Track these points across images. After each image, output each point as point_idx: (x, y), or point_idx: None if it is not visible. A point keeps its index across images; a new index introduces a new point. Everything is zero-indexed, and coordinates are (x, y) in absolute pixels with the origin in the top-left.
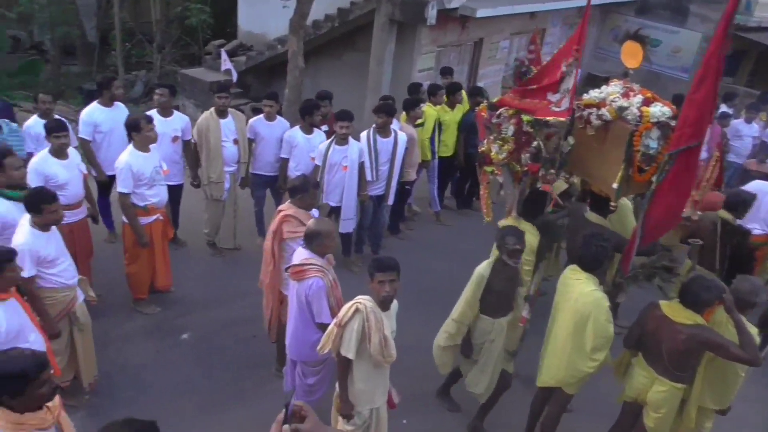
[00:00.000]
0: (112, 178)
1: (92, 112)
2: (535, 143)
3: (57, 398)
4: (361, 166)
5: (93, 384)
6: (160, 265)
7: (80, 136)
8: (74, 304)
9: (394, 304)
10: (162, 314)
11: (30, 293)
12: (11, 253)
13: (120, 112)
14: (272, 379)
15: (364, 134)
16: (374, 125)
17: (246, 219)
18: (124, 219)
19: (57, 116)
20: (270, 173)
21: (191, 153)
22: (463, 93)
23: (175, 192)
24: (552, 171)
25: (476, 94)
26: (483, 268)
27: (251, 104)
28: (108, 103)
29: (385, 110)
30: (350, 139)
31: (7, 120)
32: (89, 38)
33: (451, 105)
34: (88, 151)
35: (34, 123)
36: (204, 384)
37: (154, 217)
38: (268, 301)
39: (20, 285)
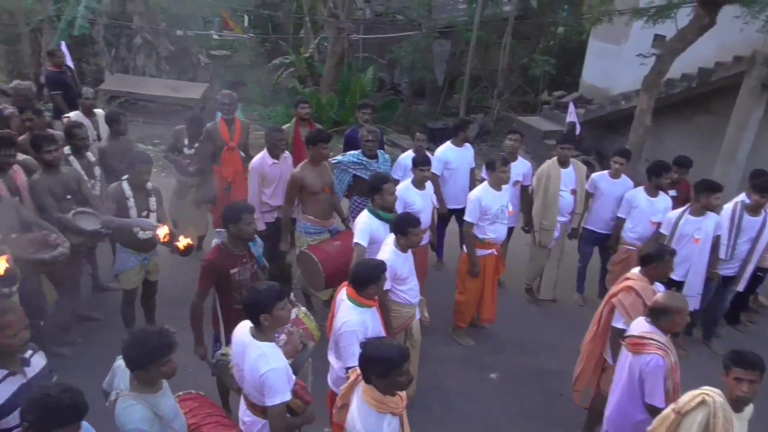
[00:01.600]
0: (451, 212)
1: (446, 150)
2: None
3: (403, 393)
4: (716, 240)
5: (410, 397)
6: (487, 298)
7: (431, 171)
8: (412, 320)
9: (750, 407)
10: (475, 348)
11: (383, 304)
12: (384, 265)
13: (468, 152)
14: None
15: (728, 206)
16: (741, 200)
17: (568, 271)
18: (464, 248)
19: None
20: (603, 230)
21: (527, 198)
22: None
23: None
24: None
25: None
26: None
27: (582, 157)
28: (460, 143)
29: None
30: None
31: (381, 150)
32: (438, 82)
33: None
34: (435, 185)
35: (407, 156)
36: (506, 428)
37: (490, 251)
38: (583, 362)
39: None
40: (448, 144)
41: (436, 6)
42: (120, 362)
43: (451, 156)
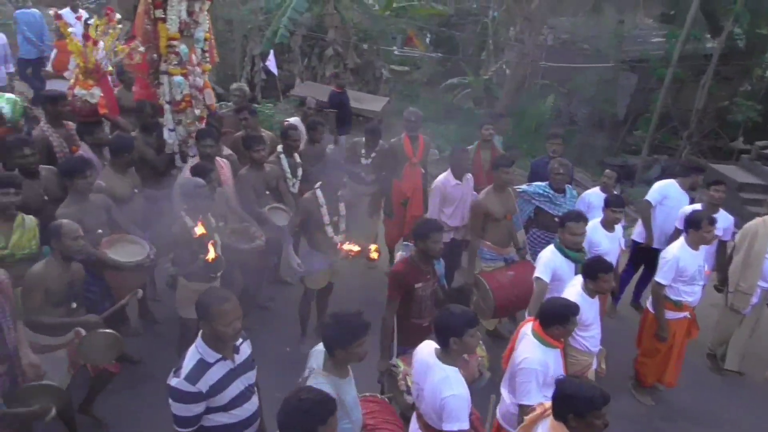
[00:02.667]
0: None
1: (669, 186)
2: None
3: None
4: None
5: None
6: (673, 362)
7: (646, 198)
8: (588, 369)
9: None
10: (651, 409)
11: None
12: (577, 308)
13: (686, 197)
14: None
15: None
16: None
17: (761, 342)
18: (648, 306)
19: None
20: None
21: (725, 254)
22: None
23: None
24: None
25: None
26: None
27: None
28: (686, 186)
29: None
30: None
31: (570, 185)
32: (619, 116)
33: None
34: (646, 218)
35: (593, 193)
36: None
37: (683, 314)
38: None
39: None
40: (673, 181)
41: (628, 37)
42: (319, 346)
43: (673, 194)
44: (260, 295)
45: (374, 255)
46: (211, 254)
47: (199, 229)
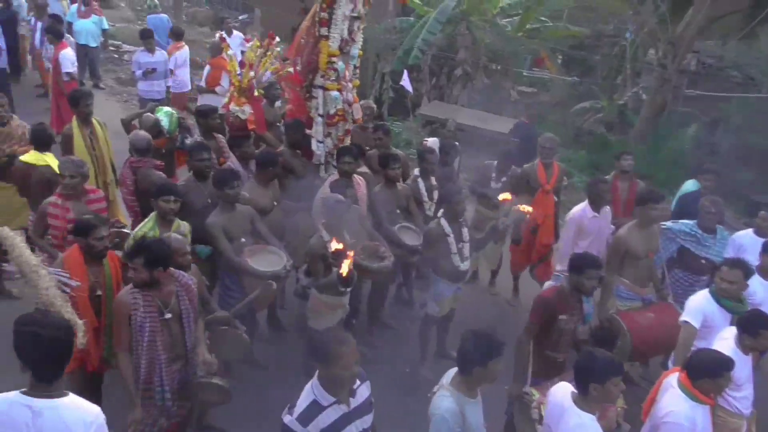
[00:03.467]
0: None
1: None
2: None
3: None
4: None
5: None
6: None
7: None
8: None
9: None
10: None
11: None
12: (732, 364)
13: None
14: None
15: None
16: None
17: None
18: None
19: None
20: None
21: None
22: None
23: None
24: None
25: None
26: None
27: None
28: None
29: None
30: None
31: (721, 225)
32: None
33: None
34: None
35: (745, 235)
36: None
37: None
38: None
39: None
40: None
41: None
42: (453, 369)
43: None
44: (383, 313)
45: None
46: (345, 269)
47: (336, 244)
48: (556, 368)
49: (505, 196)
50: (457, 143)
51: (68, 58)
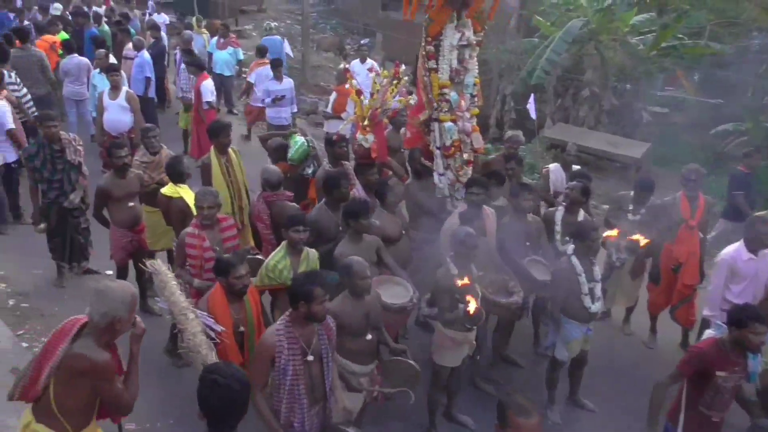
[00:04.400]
0: None
1: None
2: None
3: None
4: None
5: None
6: None
7: None
8: None
9: None
10: None
11: None
12: None
13: None
14: None
15: None
16: None
17: None
18: None
19: None
20: None
21: None
22: None
23: None
24: None
25: None
26: None
27: None
28: None
29: None
30: None
31: None
32: None
33: None
34: None
35: None
36: None
37: None
38: None
39: None
40: None
41: None
42: None
43: None
44: (509, 349)
45: None
46: (472, 307)
47: (464, 280)
48: (711, 428)
49: (637, 237)
50: (579, 168)
51: (208, 88)
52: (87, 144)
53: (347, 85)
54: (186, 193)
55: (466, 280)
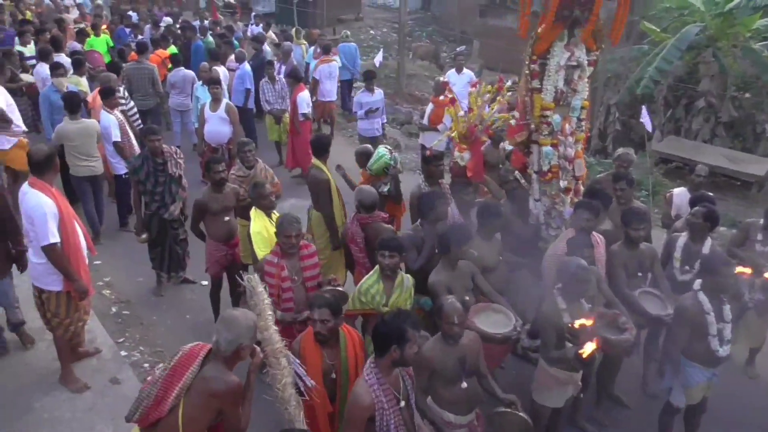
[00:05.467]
0: None
1: None
2: None
3: None
4: None
5: None
6: None
7: None
8: None
9: None
10: None
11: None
12: None
13: None
14: None
15: None
16: None
17: None
18: None
19: None
20: None
21: None
22: None
23: None
24: None
25: None
26: None
27: None
28: None
29: None
30: None
31: None
32: None
33: None
34: None
35: None
36: None
37: None
38: None
39: None
40: None
41: None
42: None
43: None
44: (615, 387)
45: None
46: (588, 352)
47: (580, 321)
48: None
49: None
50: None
51: (304, 99)
52: (189, 153)
53: (442, 97)
54: (256, 219)
55: (584, 321)
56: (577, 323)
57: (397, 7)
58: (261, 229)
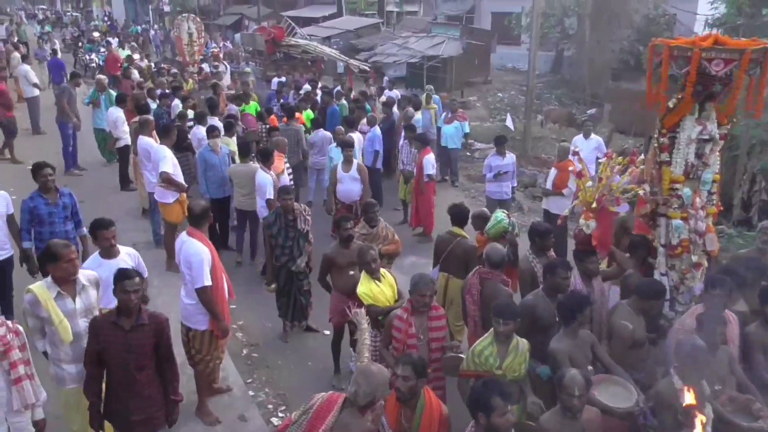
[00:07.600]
0: None
1: None
2: None
3: None
4: None
5: None
6: None
7: None
8: None
9: None
10: None
11: None
12: None
13: None
14: None
15: None
16: None
17: None
18: None
19: None
20: None
21: None
22: None
23: None
24: None
25: None
26: None
27: None
28: None
29: None
30: None
31: None
32: None
33: None
34: None
35: None
36: None
37: None
38: None
39: None
40: None
41: None
42: None
43: None
44: None
45: None
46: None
47: (690, 399)
48: None
49: None
50: None
51: (430, 161)
52: (319, 207)
53: (571, 168)
54: (363, 281)
55: (692, 400)
56: (686, 401)
57: (526, 70)
58: (367, 290)
